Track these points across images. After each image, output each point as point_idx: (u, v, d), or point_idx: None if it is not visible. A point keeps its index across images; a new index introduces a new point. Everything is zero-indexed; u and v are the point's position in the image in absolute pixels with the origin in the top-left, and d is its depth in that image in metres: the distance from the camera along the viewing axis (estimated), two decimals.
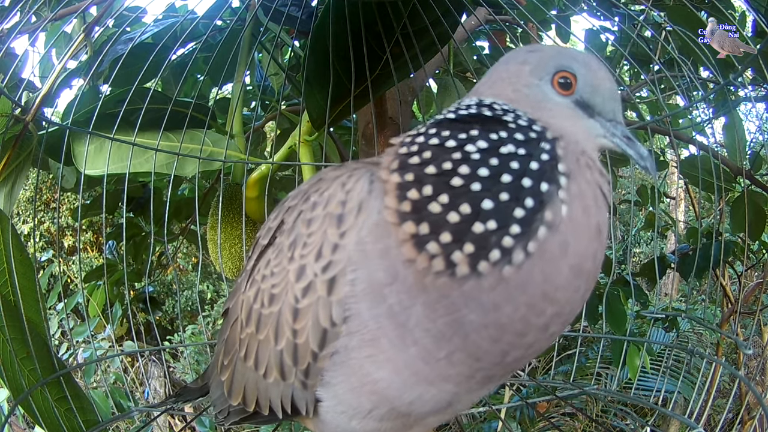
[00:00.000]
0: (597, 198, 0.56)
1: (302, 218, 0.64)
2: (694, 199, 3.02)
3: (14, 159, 1.23)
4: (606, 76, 0.63)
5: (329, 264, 0.59)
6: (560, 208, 0.53)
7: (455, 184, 0.53)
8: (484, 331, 0.54)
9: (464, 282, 0.52)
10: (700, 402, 1.39)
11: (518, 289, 0.52)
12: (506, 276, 0.52)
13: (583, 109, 0.62)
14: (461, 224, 0.52)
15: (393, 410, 0.62)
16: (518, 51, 0.67)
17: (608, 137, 0.61)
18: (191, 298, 5.80)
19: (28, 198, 5.48)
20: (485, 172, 0.53)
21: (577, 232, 0.54)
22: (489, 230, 0.51)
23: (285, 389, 0.67)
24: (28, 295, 1.12)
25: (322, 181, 0.66)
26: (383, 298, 0.55)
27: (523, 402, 1.89)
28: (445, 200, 0.53)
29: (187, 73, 1.66)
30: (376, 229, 0.57)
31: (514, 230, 0.52)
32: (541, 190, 0.53)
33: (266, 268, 0.68)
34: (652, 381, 2.97)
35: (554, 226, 0.52)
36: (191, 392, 1.04)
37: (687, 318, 1.53)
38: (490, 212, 0.52)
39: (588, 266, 0.55)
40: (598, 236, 0.56)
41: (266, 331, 0.67)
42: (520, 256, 0.52)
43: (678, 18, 1.49)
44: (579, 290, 0.55)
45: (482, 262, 0.51)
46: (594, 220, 0.55)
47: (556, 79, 0.61)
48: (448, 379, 0.59)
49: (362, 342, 0.58)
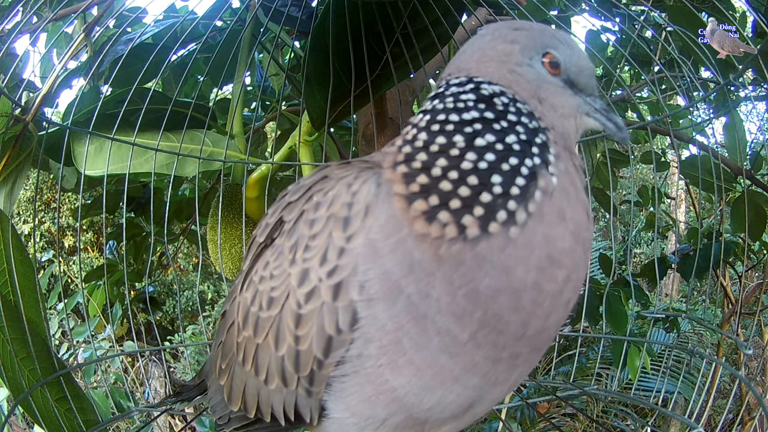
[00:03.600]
0: (577, 178, 0.62)
1: (304, 219, 0.62)
2: (694, 199, 3.02)
3: (14, 159, 1.23)
4: (584, 54, 0.67)
5: (335, 269, 0.57)
6: (551, 179, 0.58)
7: (465, 167, 0.56)
8: (502, 298, 0.55)
9: (476, 244, 0.54)
10: (700, 402, 1.39)
11: (525, 248, 0.55)
12: (513, 236, 0.55)
13: (571, 87, 0.66)
14: (471, 194, 0.55)
15: (409, 418, 0.61)
16: (500, 27, 0.68)
17: (592, 113, 0.66)
18: (191, 299, 5.80)
19: (29, 198, 5.48)
20: (492, 156, 0.57)
21: (570, 200, 0.59)
22: (496, 195, 0.55)
23: (288, 396, 0.65)
24: (28, 295, 1.12)
25: (327, 179, 0.64)
26: (400, 292, 0.55)
27: (524, 402, 1.89)
28: (455, 176, 0.56)
29: (187, 73, 1.66)
30: (386, 227, 0.56)
31: (514, 192, 0.56)
32: (536, 163, 0.58)
33: (265, 270, 0.66)
34: (653, 381, 2.98)
35: (548, 193, 0.57)
36: (189, 390, 1.03)
37: (687, 318, 1.53)
38: (497, 183, 0.56)
39: (585, 235, 0.60)
40: (585, 209, 0.61)
41: (265, 336, 0.65)
42: (523, 215, 0.55)
43: (678, 18, 1.49)
44: (581, 258, 0.59)
45: (492, 223, 0.55)
46: (579, 196, 0.60)
47: (547, 59, 0.64)
48: (475, 370, 0.58)
49: (380, 348, 0.56)
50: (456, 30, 1.38)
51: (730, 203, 2.06)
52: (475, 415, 0.68)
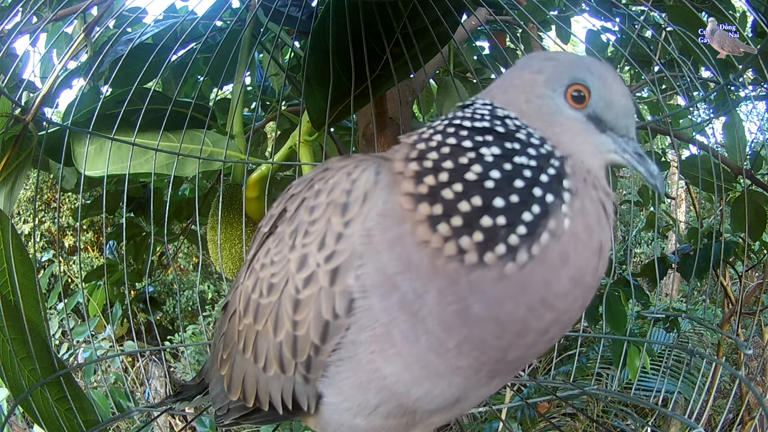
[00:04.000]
0: (600, 217, 0.58)
1: (305, 205, 0.64)
2: (694, 199, 3.01)
3: (14, 159, 1.23)
4: (621, 90, 0.62)
5: (333, 254, 0.58)
6: (563, 221, 0.55)
7: (469, 178, 0.55)
8: (488, 325, 0.55)
9: (471, 270, 0.54)
10: (700, 402, 1.38)
11: (519, 288, 0.54)
12: (508, 273, 0.54)
13: (596, 123, 0.61)
14: (472, 213, 0.54)
15: (400, 407, 0.62)
16: (533, 57, 0.67)
17: (619, 153, 0.61)
18: (192, 298, 5.80)
19: (29, 198, 5.48)
20: (497, 174, 0.55)
21: (578, 245, 0.56)
22: (498, 225, 0.54)
23: (285, 383, 0.66)
24: (28, 295, 1.12)
25: (328, 170, 0.66)
26: (395, 287, 0.56)
27: (524, 402, 1.89)
28: (459, 189, 0.55)
29: (187, 73, 1.66)
30: (385, 219, 0.57)
31: (520, 230, 0.54)
32: (547, 200, 0.55)
33: (266, 257, 0.67)
34: (653, 381, 2.97)
35: (557, 236, 0.54)
36: (190, 390, 1.03)
37: (687, 318, 1.53)
38: (500, 209, 0.54)
39: (588, 280, 0.57)
40: (599, 253, 0.57)
41: (265, 322, 0.66)
42: (524, 257, 0.54)
43: (678, 18, 1.49)
44: (578, 300, 0.57)
45: (488, 253, 0.53)
46: (596, 238, 0.57)
47: (569, 91, 0.61)
48: (458, 371, 0.59)
49: (373, 337, 0.57)
50: (456, 30, 1.38)
51: (730, 203, 2.06)
52: (464, 409, 0.70)
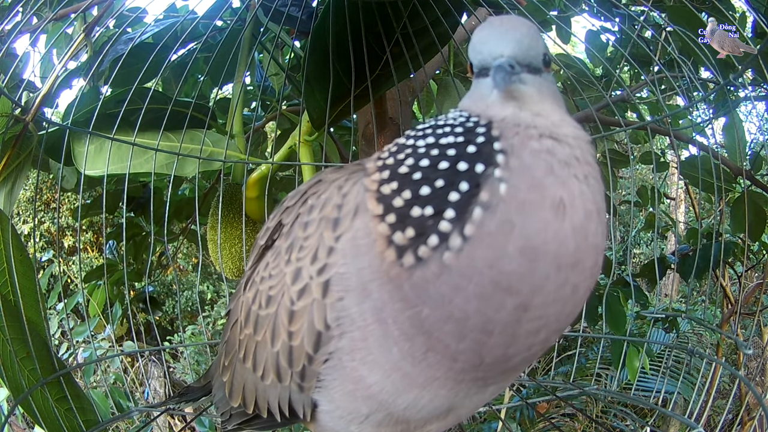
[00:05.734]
0: (553, 169, 0.51)
1: (299, 221, 0.65)
2: (694, 199, 3.02)
3: (14, 159, 1.23)
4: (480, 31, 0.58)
5: (324, 267, 0.59)
6: (498, 187, 0.49)
7: (401, 172, 0.55)
8: (446, 327, 0.52)
9: (412, 272, 0.52)
10: (700, 402, 1.39)
11: (462, 277, 0.50)
12: (447, 263, 0.50)
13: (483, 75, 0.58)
14: (404, 208, 0.53)
15: (390, 416, 0.62)
16: None
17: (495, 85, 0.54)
18: (191, 299, 5.80)
19: (28, 198, 5.48)
20: (426, 162, 0.54)
21: (524, 208, 0.49)
22: (426, 216, 0.51)
23: (282, 391, 0.67)
24: (28, 295, 1.12)
25: (321, 183, 0.67)
26: (368, 294, 0.56)
27: (523, 402, 1.89)
28: (394, 186, 0.55)
29: (187, 73, 1.66)
30: (365, 226, 0.57)
31: (449, 214, 0.50)
32: (476, 171, 0.51)
33: (265, 270, 0.69)
34: (653, 381, 2.98)
35: (492, 207, 0.49)
36: (194, 391, 1.04)
37: (687, 318, 1.53)
38: (427, 198, 0.52)
39: (551, 248, 0.49)
40: (561, 210, 0.50)
41: (263, 333, 0.67)
42: (457, 241, 0.49)
43: (678, 18, 1.49)
44: (549, 277, 0.50)
45: (422, 247, 0.51)
46: (550, 193, 0.50)
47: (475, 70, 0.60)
48: (437, 382, 0.57)
49: (352, 342, 0.58)
50: (456, 30, 1.38)
51: (730, 203, 2.06)
52: (459, 417, 0.68)
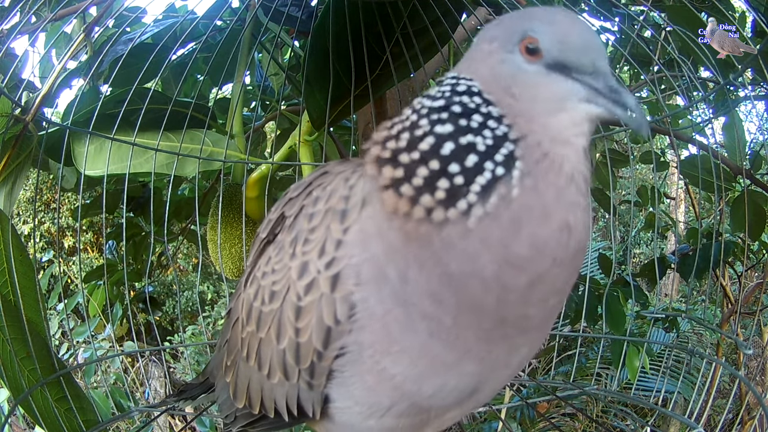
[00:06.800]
0: (562, 197, 0.54)
1: (304, 213, 0.64)
2: (694, 199, 3.02)
3: (14, 159, 1.23)
4: (573, 26, 0.56)
5: (333, 260, 0.58)
6: (512, 189, 0.53)
7: (423, 148, 0.55)
8: (472, 282, 0.54)
9: (441, 228, 0.53)
10: (700, 402, 1.39)
11: (482, 243, 0.53)
12: (471, 227, 0.53)
13: (559, 70, 0.56)
14: (431, 176, 0.54)
15: (413, 405, 0.61)
16: (487, 28, 0.63)
17: (592, 99, 0.55)
18: (191, 299, 5.79)
19: (28, 198, 5.48)
20: (451, 145, 0.54)
21: (532, 216, 0.53)
22: (456, 184, 0.53)
23: (290, 390, 0.66)
24: (28, 295, 1.12)
25: (326, 175, 0.66)
26: (385, 277, 0.55)
27: (524, 402, 1.89)
28: (416, 156, 0.55)
29: (187, 73, 1.66)
30: (375, 214, 0.57)
31: (476, 188, 0.53)
32: (497, 173, 0.53)
33: (267, 265, 0.67)
34: (653, 381, 2.98)
35: (506, 200, 0.53)
36: (193, 389, 1.03)
37: (687, 318, 1.53)
38: (457, 172, 0.53)
39: (553, 251, 0.54)
40: (566, 230, 0.54)
41: (267, 330, 0.66)
42: (479, 210, 0.53)
43: (678, 18, 1.49)
44: (549, 270, 0.54)
45: (451, 209, 0.53)
46: (559, 217, 0.54)
47: (523, 46, 0.56)
48: (468, 356, 0.57)
49: (373, 335, 0.57)
50: (456, 30, 1.38)
51: (730, 203, 2.05)
52: (479, 402, 0.69)
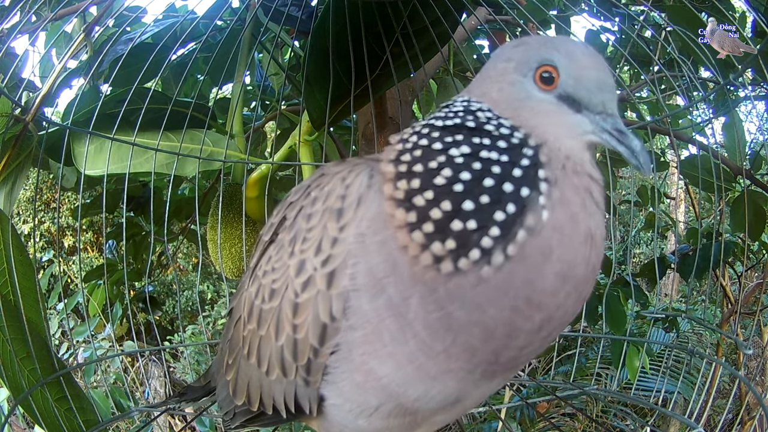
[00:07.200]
0: (586, 204, 0.56)
1: (303, 213, 0.65)
2: (694, 199, 3.01)
3: (14, 159, 1.23)
4: (592, 64, 0.58)
5: (328, 258, 0.59)
6: (542, 214, 0.53)
7: (439, 183, 0.54)
8: (473, 330, 0.54)
9: (449, 279, 0.53)
10: (700, 402, 1.39)
11: (499, 291, 0.53)
12: (485, 277, 0.52)
13: (569, 104, 0.58)
14: (443, 220, 0.53)
15: (399, 407, 0.62)
16: (505, 47, 0.65)
17: (597, 133, 0.58)
18: (191, 299, 5.79)
19: (28, 198, 5.48)
20: (467, 175, 0.54)
21: (562, 238, 0.53)
22: (469, 229, 0.52)
23: (288, 386, 0.67)
24: (28, 295, 1.12)
25: (324, 176, 0.67)
26: (382, 290, 0.56)
27: (524, 402, 1.89)
28: (429, 196, 0.54)
29: (187, 73, 1.66)
30: (376, 221, 0.57)
31: (493, 232, 0.52)
32: (522, 195, 0.53)
33: (267, 264, 0.68)
34: (653, 381, 2.98)
35: (536, 231, 0.52)
36: (194, 391, 1.04)
37: (687, 318, 1.53)
38: (471, 213, 0.53)
39: (579, 272, 0.55)
40: (589, 242, 0.55)
41: (267, 327, 0.67)
42: (500, 258, 0.52)
43: (678, 18, 1.49)
44: (570, 296, 0.55)
45: (462, 259, 0.52)
46: (583, 227, 0.55)
47: (538, 74, 0.58)
48: (450, 374, 0.58)
49: (365, 336, 0.58)
50: (456, 30, 1.38)
51: (730, 203, 2.05)
52: (466, 408, 0.70)
